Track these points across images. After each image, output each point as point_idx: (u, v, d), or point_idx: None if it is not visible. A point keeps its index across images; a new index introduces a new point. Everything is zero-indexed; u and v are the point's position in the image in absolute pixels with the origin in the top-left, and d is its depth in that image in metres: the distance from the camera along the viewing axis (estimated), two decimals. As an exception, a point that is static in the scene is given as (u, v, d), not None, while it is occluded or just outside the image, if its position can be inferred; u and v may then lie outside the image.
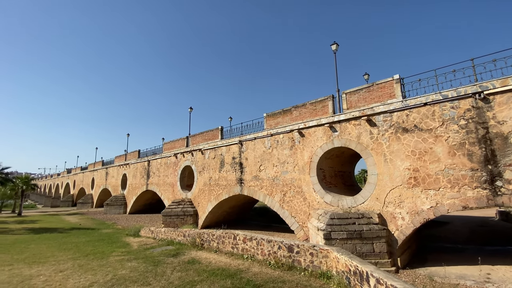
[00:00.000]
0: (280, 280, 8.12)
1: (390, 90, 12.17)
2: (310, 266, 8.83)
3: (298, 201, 14.74)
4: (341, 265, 7.87)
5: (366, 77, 23.27)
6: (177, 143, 27.34)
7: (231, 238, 11.91)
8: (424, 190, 10.51)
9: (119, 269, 9.85)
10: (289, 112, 16.45)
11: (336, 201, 13.04)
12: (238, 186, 18.70)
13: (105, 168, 43.65)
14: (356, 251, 10.31)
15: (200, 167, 22.85)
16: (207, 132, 23.29)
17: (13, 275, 9.33)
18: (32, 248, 14.44)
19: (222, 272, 9.06)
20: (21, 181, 37.00)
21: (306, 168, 14.61)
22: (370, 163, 12.19)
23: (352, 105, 13.41)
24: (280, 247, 9.79)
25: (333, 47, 15.78)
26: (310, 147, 14.65)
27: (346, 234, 10.52)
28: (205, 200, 21.48)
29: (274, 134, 16.74)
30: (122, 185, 37.38)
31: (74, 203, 53.69)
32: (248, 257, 10.67)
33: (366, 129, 12.52)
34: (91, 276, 9.04)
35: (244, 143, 18.89)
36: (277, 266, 9.30)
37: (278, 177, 16.12)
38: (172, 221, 21.67)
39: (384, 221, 11.28)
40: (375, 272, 6.44)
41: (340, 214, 11.46)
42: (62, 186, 65.41)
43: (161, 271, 9.44)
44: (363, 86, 13.17)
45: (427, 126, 10.76)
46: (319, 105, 14.86)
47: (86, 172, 52.16)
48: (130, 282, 8.33)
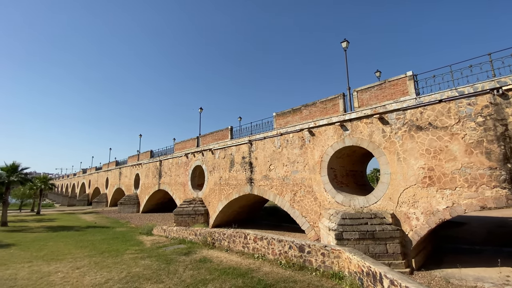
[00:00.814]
0: (291, 280, 8.09)
1: (403, 87, 11.88)
2: (321, 266, 8.74)
3: (309, 200, 14.63)
4: (354, 265, 7.76)
5: (377, 74, 22.80)
6: (187, 143, 27.68)
7: (242, 238, 11.95)
8: (439, 190, 10.21)
9: (133, 266, 10.08)
10: (298, 111, 16.34)
11: (347, 201, 12.86)
12: (248, 186, 18.74)
13: (118, 168, 44.73)
14: (369, 252, 10.14)
15: (210, 166, 23.05)
16: (217, 132, 23.47)
17: (32, 272, 9.71)
18: (50, 245, 14.98)
19: (233, 271, 9.11)
20: (39, 181, 38.43)
21: (317, 167, 14.48)
22: (383, 162, 11.95)
23: (363, 103, 13.18)
24: (291, 247, 9.75)
25: (343, 45, 15.57)
26: (320, 146, 14.51)
27: (358, 235, 10.36)
28: (216, 199, 21.66)
29: (283, 134, 16.68)
30: (135, 185, 38.20)
31: (90, 202, 55.32)
32: (259, 256, 10.68)
33: (378, 127, 12.28)
34: (106, 273, 9.29)
35: (253, 142, 18.91)
36: (288, 266, 9.27)
37: (288, 176, 16.05)
38: (184, 220, 21.97)
39: (398, 222, 11.04)
40: (388, 273, 6.31)
41: (352, 214, 11.29)
42: (78, 186, 67.52)
43: (173, 269, 9.59)
44: (375, 84, 12.92)
45: (442, 124, 10.44)
46: (330, 103, 14.68)
47: (100, 172, 53.65)
48: (143, 280, 8.50)
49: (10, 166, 26.34)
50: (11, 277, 9.09)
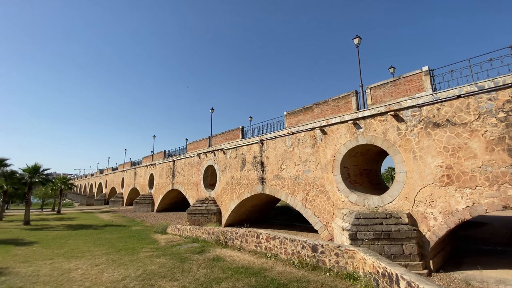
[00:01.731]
0: (304, 280, 8.04)
1: (419, 83, 11.52)
2: (335, 267, 8.63)
3: (322, 200, 14.47)
4: (368, 266, 7.61)
5: (391, 70, 22.25)
6: (199, 144, 28.02)
7: (254, 237, 11.98)
8: (458, 189, 9.84)
9: (148, 264, 10.32)
10: (310, 110, 16.18)
11: (361, 201, 12.62)
12: (260, 185, 18.76)
13: (133, 169, 45.90)
14: (384, 252, 9.91)
15: (222, 166, 23.24)
16: (228, 132, 23.63)
17: (54, 269, 10.12)
18: (70, 243, 15.58)
19: (246, 270, 9.15)
20: (59, 181, 40.02)
21: (329, 166, 14.29)
22: (398, 160, 11.65)
23: (377, 100, 12.89)
24: (304, 247, 9.68)
25: (356, 41, 15.27)
26: (333, 145, 14.31)
27: (373, 235, 10.15)
28: (228, 198, 21.81)
29: (295, 133, 16.57)
30: (150, 185, 39.08)
31: (106, 201, 57.12)
32: (272, 256, 10.68)
33: (393, 125, 11.98)
34: (123, 271, 9.56)
35: (264, 142, 18.90)
36: (301, 266, 9.21)
37: (300, 176, 15.93)
38: (197, 219, 22.28)
39: (414, 222, 10.73)
40: (405, 274, 6.15)
41: (366, 214, 11.08)
42: (95, 186, 69.82)
43: (187, 267, 9.74)
44: (389, 80, 12.60)
45: (461, 120, 10.05)
46: (342, 101, 14.45)
47: (116, 173, 55.23)
48: (159, 277, 8.69)
49: (32, 167, 27.60)
50: (34, 273, 9.52)
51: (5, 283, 8.36)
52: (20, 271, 9.76)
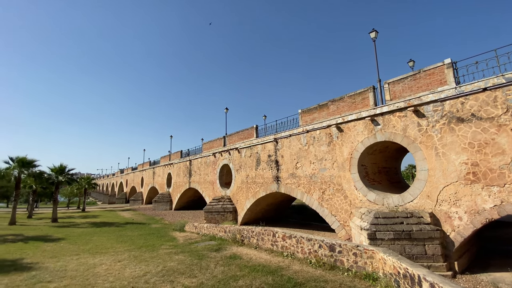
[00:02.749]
0: (322, 279, 7.95)
1: (441, 77, 11.01)
2: (353, 267, 8.47)
3: (338, 199, 14.22)
4: (389, 266, 7.40)
5: (411, 64, 21.43)
6: (215, 143, 28.38)
7: (270, 235, 11.99)
8: (485, 187, 9.33)
9: (168, 261, 10.62)
10: (325, 107, 15.91)
11: (380, 199, 12.28)
12: (275, 184, 18.72)
13: (152, 168, 47.27)
14: (405, 253, 9.59)
15: (237, 165, 23.41)
16: (242, 131, 23.75)
17: (80, 264, 10.65)
18: (94, 240, 16.32)
19: (263, 268, 9.19)
20: (84, 181, 41.97)
21: (346, 164, 14.01)
22: (419, 157, 11.21)
23: (396, 96, 12.46)
24: (321, 246, 9.57)
25: (372, 35, 14.82)
26: (349, 143, 14.01)
27: (393, 234, 9.85)
28: (243, 197, 21.95)
29: (310, 130, 16.37)
30: (168, 183, 40.10)
31: (127, 200, 59.26)
32: (288, 254, 10.64)
33: (413, 120, 11.54)
34: (144, 267, 9.90)
35: (279, 140, 18.82)
36: (319, 265, 9.12)
37: (315, 174, 15.74)
38: (213, 217, 22.61)
39: (437, 221, 10.30)
40: (428, 275, 5.93)
41: (386, 213, 10.76)
42: (116, 185, 72.62)
43: (205, 264, 9.93)
44: (408, 74, 12.14)
45: (487, 115, 9.50)
46: (359, 97, 14.09)
47: (136, 172, 57.14)
48: (178, 274, 8.92)
49: (58, 168, 29.11)
50: (62, 268, 10.06)
51: (35, 278, 8.89)
52: (49, 266, 10.35)
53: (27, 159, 26.08)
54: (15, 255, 12.24)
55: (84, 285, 8.13)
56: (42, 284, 8.28)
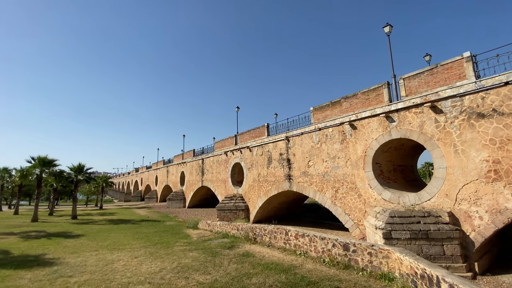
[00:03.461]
0: (336, 278, 7.87)
1: (459, 71, 10.59)
2: (368, 266, 8.33)
3: (352, 197, 14.01)
4: (405, 267, 7.23)
5: (427, 58, 20.76)
6: (226, 142, 28.59)
7: (283, 234, 11.98)
8: (508, 185, 8.92)
9: (182, 258, 10.82)
10: (338, 104, 15.67)
11: (396, 198, 12.00)
12: (287, 182, 18.65)
13: (166, 167, 48.22)
14: (422, 253, 9.34)
15: (248, 163, 23.49)
16: (253, 129, 23.79)
17: (99, 259, 11.03)
18: (112, 236, 16.86)
19: (276, 266, 9.19)
20: (101, 179, 43.38)
21: (360, 162, 13.76)
22: (437, 155, 10.86)
23: (411, 91, 12.10)
24: (335, 245, 9.47)
25: (386, 29, 14.46)
26: (363, 140, 13.75)
27: (409, 234, 9.61)
28: (255, 195, 22.02)
29: (322, 128, 16.18)
30: (181, 182, 40.81)
31: (142, 198, 60.81)
32: (301, 253, 10.60)
33: (430, 117, 11.17)
34: (160, 263, 10.14)
35: (291, 138, 18.72)
36: (332, 264, 9.02)
37: (328, 172, 15.56)
38: (226, 215, 22.84)
39: (456, 221, 9.96)
40: (447, 276, 5.74)
41: (402, 212, 10.51)
42: (132, 183, 74.61)
43: (219, 262, 10.04)
44: (425, 69, 11.75)
45: (510, 110, 9.07)
46: (373, 94, 13.79)
47: (150, 171, 58.47)
48: (192, 271, 9.08)
49: (77, 167, 30.23)
50: (82, 263, 10.45)
51: (57, 272, 9.28)
52: (69, 261, 10.78)
53: (48, 159, 27.23)
54: (38, 251, 12.83)
55: (103, 280, 8.42)
56: (64, 278, 8.64)
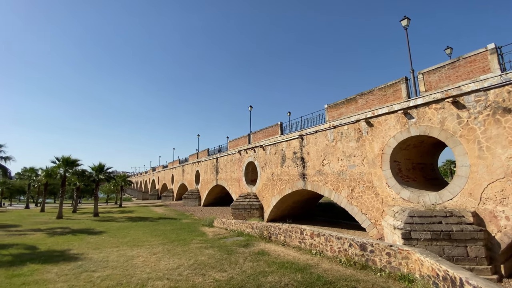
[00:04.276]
0: (353, 279, 7.75)
1: (483, 64, 10.07)
2: (387, 267, 8.14)
3: (369, 197, 13.70)
4: (426, 268, 7.00)
5: (448, 51, 19.87)
6: (240, 141, 28.74)
7: (298, 233, 11.92)
8: (539, 184, 8.41)
9: (199, 255, 11.03)
10: (353, 101, 15.35)
11: (415, 197, 11.62)
12: (301, 181, 18.51)
13: (181, 166, 49.21)
14: (444, 254, 9.00)
15: (262, 162, 23.51)
16: (267, 128, 23.77)
17: (120, 255, 11.46)
18: (131, 233, 17.44)
19: (291, 265, 9.18)
20: (120, 178, 44.91)
21: (377, 161, 13.43)
22: (459, 152, 10.40)
23: (431, 87, 11.64)
24: (351, 245, 9.31)
25: (404, 23, 13.96)
26: (380, 138, 13.40)
27: (430, 235, 9.28)
28: (269, 194, 22.02)
29: (337, 126, 15.91)
30: (196, 181, 41.52)
31: (159, 196, 62.42)
32: (317, 252, 10.51)
33: (451, 112, 10.71)
34: (177, 260, 10.40)
35: (304, 137, 18.55)
36: (349, 264, 8.89)
37: (344, 171, 15.29)
38: (240, 214, 23.01)
39: (481, 221, 9.51)
40: (471, 279, 5.51)
41: (422, 211, 10.16)
42: (149, 182, 76.73)
43: (234, 259, 10.16)
44: (446, 63, 11.27)
45: (541, 104, 8.53)
46: (390, 89, 13.39)
47: (166, 170, 59.88)
48: (209, 268, 9.24)
49: (98, 166, 31.45)
50: (104, 259, 10.90)
51: (81, 267, 9.74)
52: (93, 257, 11.28)
53: (71, 159, 28.54)
54: (63, 246, 13.50)
55: (124, 275, 8.74)
56: (88, 273, 9.05)
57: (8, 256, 11.41)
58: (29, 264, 10.16)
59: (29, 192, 44.78)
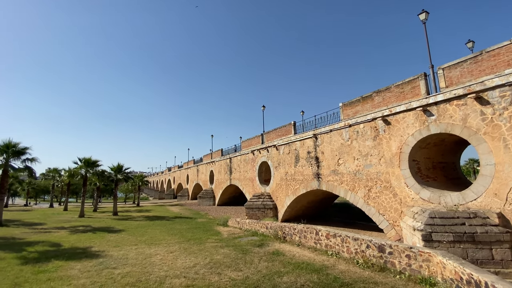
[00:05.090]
0: (371, 281, 7.58)
1: (508, 57, 9.54)
2: (407, 270, 7.89)
3: (387, 197, 13.33)
4: (449, 271, 6.73)
5: (470, 45, 18.98)
6: (253, 141, 28.80)
7: (313, 234, 11.79)
8: None
9: (214, 254, 11.17)
10: (369, 99, 14.99)
11: (436, 198, 11.19)
12: (316, 181, 18.30)
13: (196, 166, 49.97)
14: (468, 257, 8.62)
15: (275, 162, 23.43)
16: (280, 128, 23.67)
17: (138, 253, 11.79)
18: (149, 232, 17.91)
19: (307, 266, 9.10)
20: (137, 178, 46.24)
21: (395, 160, 13.04)
22: (483, 150, 9.91)
23: (452, 82, 11.17)
24: (369, 246, 9.10)
25: (422, 16, 13.46)
26: (398, 136, 13.00)
27: (452, 236, 8.91)
28: (283, 194, 21.92)
29: (352, 125, 15.60)
30: (210, 180, 42.02)
31: (175, 195, 63.69)
32: (333, 253, 10.35)
33: (474, 109, 10.23)
34: (193, 258, 10.57)
35: (319, 136, 18.31)
36: (367, 266, 8.69)
37: (360, 171, 14.96)
38: (254, 214, 23.05)
39: (507, 223, 9.02)
40: (497, 283, 5.25)
41: (443, 212, 9.77)
42: (165, 182, 78.47)
43: (249, 259, 10.20)
44: (468, 57, 10.78)
45: None
46: (407, 86, 12.98)
47: (182, 170, 61.00)
48: (224, 267, 9.33)
49: (117, 167, 32.54)
50: (124, 256, 11.26)
51: (102, 264, 10.11)
52: (113, 254, 11.67)
53: (92, 160, 29.70)
54: (85, 244, 14.06)
55: (143, 272, 8.99)
56: (109, 270, 9.38)
57: (35, 253, 12.02)
58: (54, 261, 10.64)
59: (53, 191, 46.99)
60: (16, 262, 10.44)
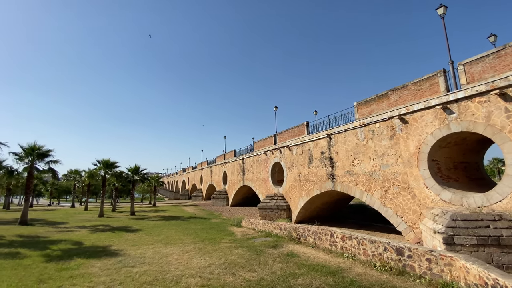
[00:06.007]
0: (389, 285, 7.36)
1: (537, 50, 9.01)
2: (427, 274, 7.60)
3: (405, 198, 12.92)
4: (473, 276, 6.42)
5: (492, 39, 18.08)
6: (265, 141, 28.77)
7: (328, 235, 11.61)
8: None
9: (229, 254, 11.23)
10: (385, 97, 14.60)
11: (458, 199, 10.72)
12: (330, 182, 18.01)
13: (209, 167, 50.54)
14: (493, 261, 8.21)
15: (288, 163, 23.28)
16: (292, 128, 23.50)
17: (155, 252, 12.06)
18: (165, 232, 18.27)
19: (322, 268, 8.96)
20: (153, 179, 47.36)
21: (413, 160, 12.62)
22: (509, 149, 9.40)
23: (474, 78, 10.68)
24: (387, 249, 8.85)
25: (440, 11, 12.98)
26: (416, 135, 12.58)
27: (476, 240, 8.51)
28: (296, 195, 21.73)
29: (368, 124, 15.24)
30: (224, 181, 42.36)
31: (189, 196, 64.70)
32: (349, 256, 10.14)
33: (498, 106, 9.73)
34: (208, 258, 10.68)
35: (332, 136, 18.03)
36: (384, 269, 8.45)
37: (376, 171, 14.59)
38: (268, 214, 23.00)
39: (538, 226, 8.50)
40: (529, 291, 4.95)
41: (466, 214, 9.34)
42: (180, 183, 79.88)
43: (263, 260, 10.18)
44: (490, 52, 10.27)
45: None
46: (426, 83, 12.53)
47: (196, 171, 61.89)
48: (239, 267, 9.36)
49: (134, 168, 33.46)
50: (141, 255, 11.54)
51: (121, 263, 10.40)
52: (131, 253, 11.99)
53: (110, 161, 30.70)
54: (105, 243, 14.53)
55: (160, 271, 9.19)
56: (127, 268, 9.65)
57: (58, 251, 12.55)
58: (76, 259, 11.06)
59: (74, 192, 49.00)
60: (40, 260, 10.93)
